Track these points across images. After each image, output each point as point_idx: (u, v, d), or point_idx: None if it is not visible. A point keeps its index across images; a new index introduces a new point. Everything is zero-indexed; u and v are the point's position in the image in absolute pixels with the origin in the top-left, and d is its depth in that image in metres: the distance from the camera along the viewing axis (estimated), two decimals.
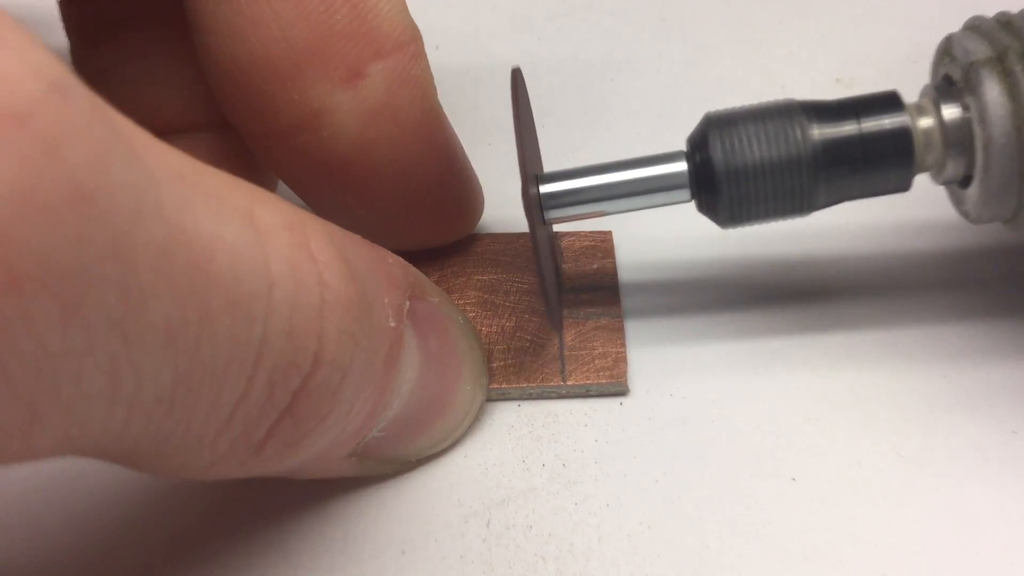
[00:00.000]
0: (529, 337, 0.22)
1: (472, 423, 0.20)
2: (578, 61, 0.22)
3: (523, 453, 0.20)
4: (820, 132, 0.19)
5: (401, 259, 0.18)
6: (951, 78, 0.20)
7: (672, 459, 0.20)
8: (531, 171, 0.19)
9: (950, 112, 0.19)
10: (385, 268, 0.17)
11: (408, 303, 0.17)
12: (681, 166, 0.20)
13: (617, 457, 0.20)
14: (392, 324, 0.16)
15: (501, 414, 0.21)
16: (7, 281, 0.10)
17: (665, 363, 0.22)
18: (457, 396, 0.19)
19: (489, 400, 0.21)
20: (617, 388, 0.21)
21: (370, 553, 0.19)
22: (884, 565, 0.18)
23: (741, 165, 0.19)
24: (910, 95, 0.20)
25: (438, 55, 0.29)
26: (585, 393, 0.21)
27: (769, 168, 0.19)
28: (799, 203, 0.19)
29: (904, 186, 0.20)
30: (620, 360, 0.21)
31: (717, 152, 0.19)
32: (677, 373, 0.21)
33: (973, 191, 0.20)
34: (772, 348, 0.22)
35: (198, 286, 0.12)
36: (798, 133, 0.19)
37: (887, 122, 0.19)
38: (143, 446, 0.13)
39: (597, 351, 0.21)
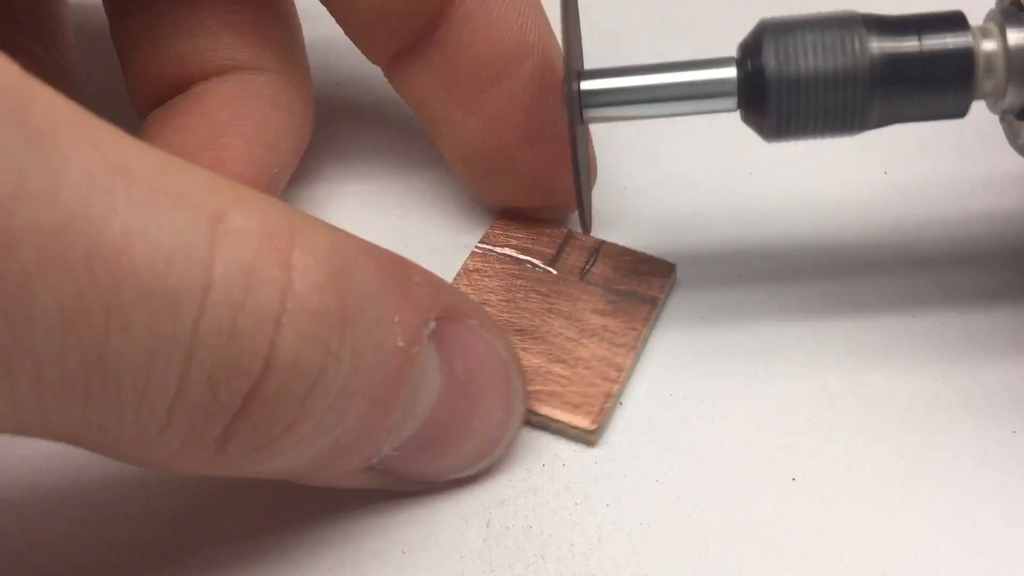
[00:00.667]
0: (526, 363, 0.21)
1: (508, 448, 0.20)
2: (599, 61, 0.22)
3: (523, 453, 0.20)
4: (880, 46, 0.18)
5: (438, 279, 0.18)
6: (1020, 2, 0.19)
7: (672, 459, 0.20)
8: (574, 67, 0.19)
9: (1016, 37, 0.19)
10: (403, 287, 0.17)
11: (434, 324, 0.17)
12: (731, 72, 0.19)
13: (617, 457, 0.20)
14: (400, 344, 0.16)
15: None
16: None
17: (665, 363, 0.22)
18: (485, 422, 0.19)
19: None
20: (583, 437, 0.20)
21: (370, 553, 0.19)
22: (884, 565, 0.18)
23: (794, 75, 0.18)
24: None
25: None
26: (543, 427, 0.20)
27: (823, 80, 0.18)
28: (852, 120, 0.19)
29: (961, 111, 0.19)
30: (600, 405, 0.20)
31: (770, 59, 0.18)
32: (677, 373, 0.21)
33: None
34: (772, 348, 0.22)
35: (101, 276, 0.12)
36: (856, 45, 0.18)
37: (950, 41, 0.18)
38: (81, 433, 0.13)
39: (581, 390, 0.20)
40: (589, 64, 0.20)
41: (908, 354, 0.21)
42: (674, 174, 0.25)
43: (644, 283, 0.22)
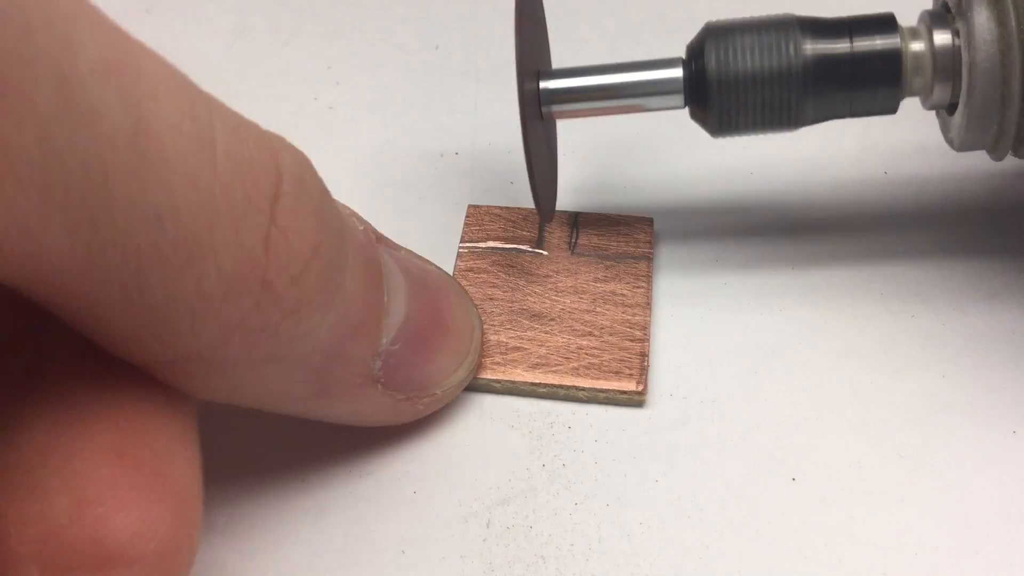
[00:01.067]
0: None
1: (478, 354, 0.20)
2: (578, 61, 0.22)
3: (523, 453, 0.20)
4: (813, 48, 0.20)
5: None
6: (948, 5, 0.20)
7: (672, 459, 0.20)
8: (532, 66, 0.20)
9: (942, 38, 0.20)
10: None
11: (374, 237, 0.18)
12: (677, 72, 0.20)
13: (617, 457, 0.20)
14: (361, 228, 0.17)
15: (501, 414, 0.21)
16: None
17: (664, 363, 0.22)
18: (454, 314, 0.20)
19: (490, 391, 0.21)
20: (633, 400, 0.21)
21: (370, 553, 0.19)
22: (884, 565, 0.18)
23: (733, 75, 0.20)
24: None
25: (438, 55, 0.29)
26: (591, 399, 0.21)
27: (760, 80, 0.20)
28: (787, 117, 0.20)
29: (891, 108, 0.20)
30: (639, 366, 0.21)
31: (711, 61, 0.20)
32: (677, 373, 0.21)
33: (957, 116, 0.20)
34: (772, 347, 0.22)
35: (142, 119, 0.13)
36: (791, 47, 0.20)
37: (879, 43, 0.20)
38: (117, 292, 0.13)
39: (616, 354, 0.21)
40: (596, 61, 0.21)
41: (908, 354, 0.21)
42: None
43: (631, 242, 0.23)
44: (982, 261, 0.23)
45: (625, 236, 0.23)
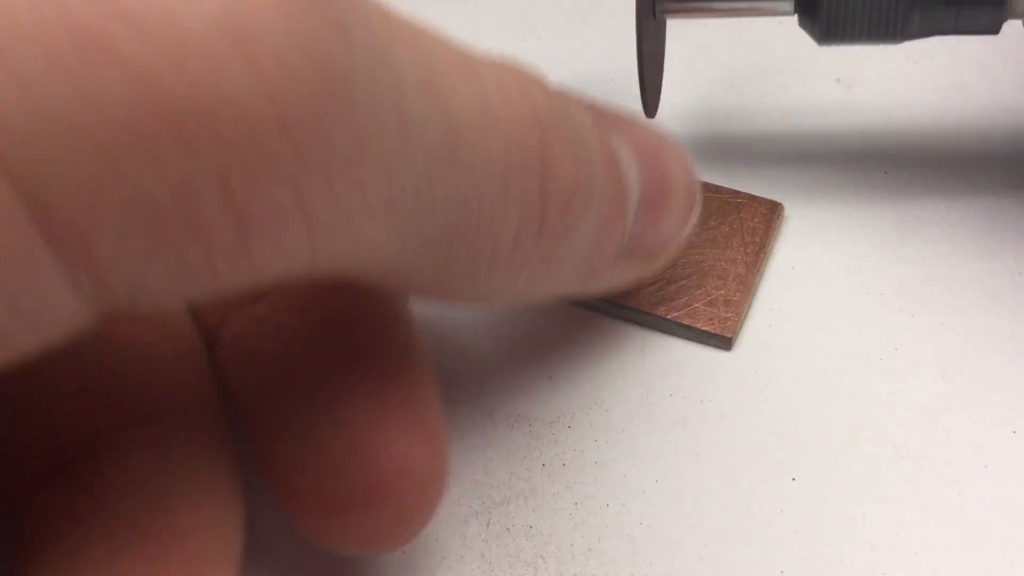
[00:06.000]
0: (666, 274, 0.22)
1: (700, 206, 0.21)
2: (578, 61, 0.22)
3: (523, 453, 0.20)
4: None
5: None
6: None
7: (672, 459, 0.20)
8: None
9: None
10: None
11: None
12: None
13: (617, 457, 0.20)
14: (590, 122, 0.18)
15: (501, 415, 0.21)
16: (280, 78, 0.11)
17: (664, 363, 0.22)
18: (675, 173, 0.20)
19: (602, 312, 0.22)
20: (722, 343, 0.22)
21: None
22: (884, 565, 0.18)
23: None
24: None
25: None
26: (686, 335, 0.22)
27: None
28: (893, 28, 0.21)
29: (995, 27, 0.21)
30: (737, 313, 0.22)
31: None
32: (676, 372, 0.21)
33: None
34: (771, 347, 0.22)
35: (465, 125, 0.14)
36: None
37: None
38: (428, 268, 0.15)
39: (720, 299, 0.22)
40: (597, 61, 0.22)
41: (909, 352, 0.21)
42: None
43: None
44: (982, 260, 0.23)
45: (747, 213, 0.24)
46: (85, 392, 0.17)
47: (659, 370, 0.21)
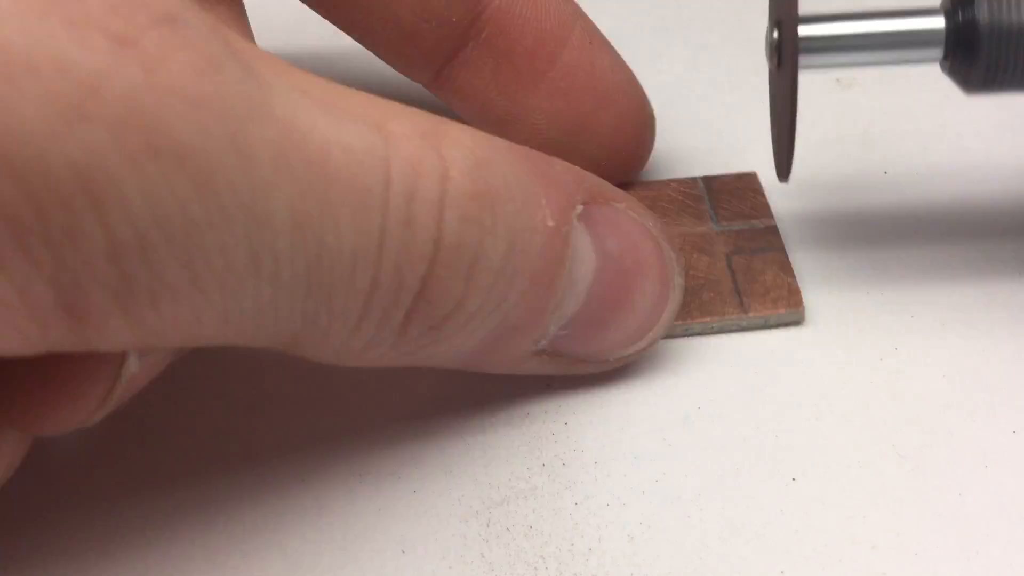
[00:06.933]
0: (701, 276, 0.22)
1: (669, 326, 0.20)
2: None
3: (523, 453, 0.20)
4: None
5: (577, 168, 0.19)
6: None
7: (672, 459, 0.20)
8: (785, 10, 0.19)
9: None
10: (546, 173, 0.18)
11: (581, 207, 0.18)
12: (938, 22, 0.19)
13: (617, 457, 0.20)
14: (551, 223, 0.18)
15: (501, 414, 0.21)
16: (144, 145, 0.12)
17: (664, 362, 0.22)
18: (643, 297, 0.20)
19: (673, 336, 0.21)
20: (795, 317, 0.22)
21: (370, 553, 0.19)
22: (884, 565, 0.18)
23: (1007, 26, 0.18)
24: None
25: None
26: (763, 324, 0.22)
27: None
28: None
29: None
30: (794, 291, 0.22)
31: (983, 8, 0.18)
32: (676, 372, 0.21)
33: None
34: (770, 347, 0.22)
35: (316, 181, 0.14)
36: None
37: None
38: (297, 329, 0.15)
39: (769, 283, 0.22)
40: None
41: (909, 354, 0.21)
42: None
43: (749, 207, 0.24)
44: (982, 260, 0.23)
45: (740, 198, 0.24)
46: None
47: (659, 370, 0.21)
